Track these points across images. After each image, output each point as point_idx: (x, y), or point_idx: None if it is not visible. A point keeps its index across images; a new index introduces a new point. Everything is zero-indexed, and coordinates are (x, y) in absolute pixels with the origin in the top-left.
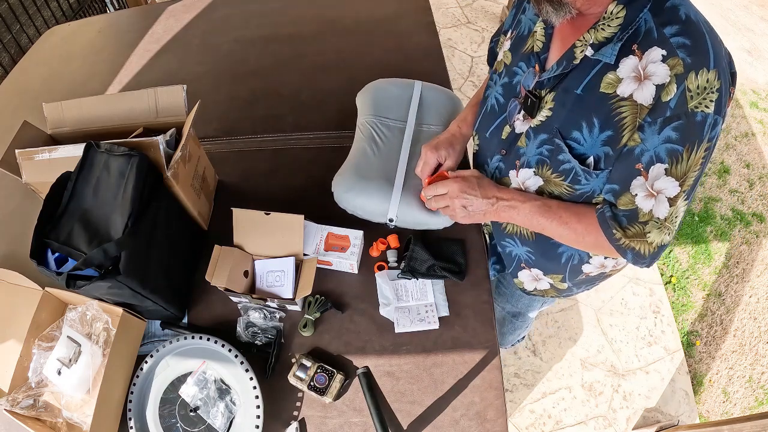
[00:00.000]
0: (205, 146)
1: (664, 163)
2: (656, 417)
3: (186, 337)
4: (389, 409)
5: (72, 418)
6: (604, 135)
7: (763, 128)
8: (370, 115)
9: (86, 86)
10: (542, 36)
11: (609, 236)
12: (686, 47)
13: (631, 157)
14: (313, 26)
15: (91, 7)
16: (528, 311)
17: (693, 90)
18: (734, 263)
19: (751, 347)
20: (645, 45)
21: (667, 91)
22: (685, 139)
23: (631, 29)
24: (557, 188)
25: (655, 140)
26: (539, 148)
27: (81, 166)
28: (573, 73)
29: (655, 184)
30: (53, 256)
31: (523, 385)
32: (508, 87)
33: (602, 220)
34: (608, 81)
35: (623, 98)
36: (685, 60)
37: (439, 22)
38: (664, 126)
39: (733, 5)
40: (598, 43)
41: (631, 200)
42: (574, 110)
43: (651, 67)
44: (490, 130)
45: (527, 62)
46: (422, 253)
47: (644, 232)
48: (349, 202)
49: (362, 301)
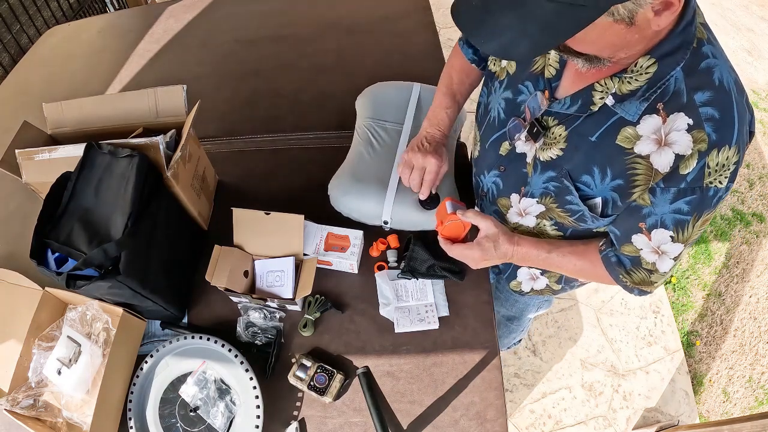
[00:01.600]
0: (205, 146)
1: (669, 230)
2: (656, 417)
3: (186, 337)
4: (389, 409)
5: (72, 418)
6: (614, 183)
7: (763, 128)
8: (367, 118)
9: (86, 86)
10: (556, 62)
11: (616, 278)
12: (714, 121)
13: (638, 215)
14: (313, 26)
15: (91, 7)
16: (522, 315)
17: (712, 167)
18: (734, 263)
19: (751, 347)
20: (671, 107)
21: (686, 164)
22: (694, 210)
23: (660, 88)
24: (560, 219)
25: (665, 208)
26: (545, 183)
27: (81, 166)
28: (590, 117)
29: (661, 246)
30: (53, 256)
31: (523, 385)
32: (511, 104)
33: (608, 263)
34: (626, 135)
35: (640, 156)
36: (711, 136)
37: (439, 22)
38: (678, 198)
39: (733, 5)
40: (621, 95)
41: (635, 250)
42: (587, 156)
43: (674, 135)
44: (490, 142)
45: (535, 83)
46: (422, 253)
47: (650, 281)
48: (345, 206)
49: (362, 301)
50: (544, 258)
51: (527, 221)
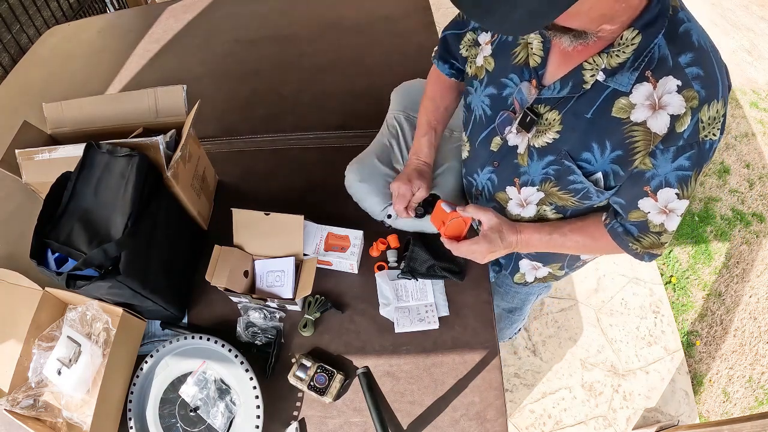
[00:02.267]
0: (205, 146)
1: (674, 188)
2: (656, 417)
3: (186, 337)
4: (389, 409)
5: (72, 418)
6: (614, 155)
7: (763, 128)
8: (398, 111)
9: (86, 86)
10: (540, 50)
11: (626, 248)
12: (700, 79)
13: (641, 180)
14: (314, 26)
15: (91, 7)
16: (524, 305)
17: (705, 121)
18: (734, 263)
19: (751, 347)
20: (659, 72)
21: (681, 122)
22: (694, 164)
23: (647, 56)
24: (561, 201)
25: (667, 167)
26: (545, 169)
27: (81, 166)
28: (583, 96)
29: (668, 205)
30: (53, 256)
31: (523, 385)
32: (497, 99)
33: (615, 234)
34: (620, 106)
35: (636, 123)
36: (700, 93)
37: (439, 22)
38: (678, 155)
39: (733, 5)
40: (611, 69)
41: (642, 215)
42: (585, 133)
43: (666, 97)
44: (479, 141)
45: (520, 75)
46: (422, 253)
47: (660, 242)
48: (357, 191)
49: (362, 301)
50: (547, 240)
51: (528, 211)
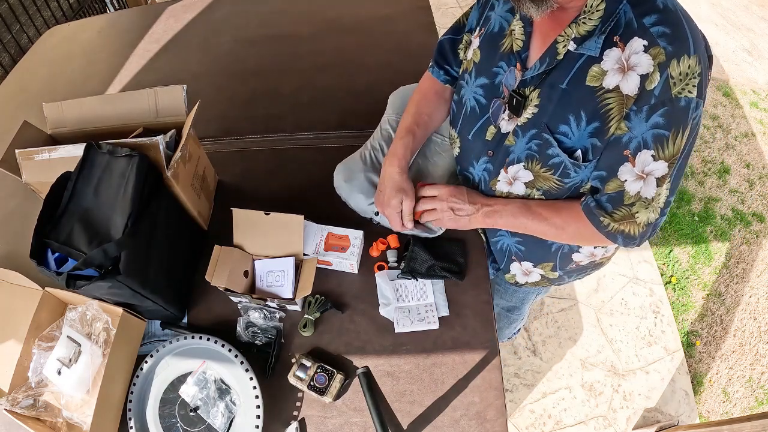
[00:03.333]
0: (205, 146)
1: (650, 149)
2: (656, 417)
3: (186, 337)
4: (389, 409)
5: (72, 418)
6: (591, 127)
7: (763, 128)
8: (394, 115)
9: (86, 86)
10: (521, 35)
11: (597, 225)
12: (666, 36)
13: (619, 145)
14: (313, 26)
15: (91, 7)
16: (523, 304)
17: (676, 77)
18: (734, 263)
19: (751, 347)
20: (626, 36)
21: (651, 80)
22: (670, 124)
23: (612, 21)
24: (546, 182)
25: (642, 127)
26: (528, 143)
27: (81, 166)
28: (557, 68)
29: (645, 168)
30: (53, 256)
31: (523, 385)
32: (489, 87)
33: (588, 211)
34: (593, 74)
35: (609, 90)
36: (666, 48)
37: (439, 22)
38: (651, 113)
39: (733, 5)
40: (581, 37)
41: (619, 184)
42: (561, 105)
43: (634, 57)
44: (473, 132)
45: (507, 61)
46: (422, 253)
47: (632, 213)
48: (344, 191)
49: (362, 301)
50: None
51: (517, 188)
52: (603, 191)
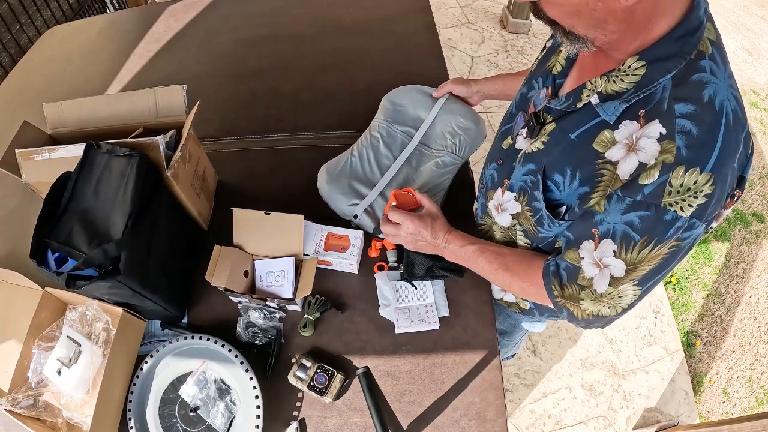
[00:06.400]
0: (205, 146)
1: (615, 243)
2: (656, 417)
3: (186, 337)
4: (389, 409)
5: (72, 418)
6: (582, 189)
7: (763, 128)
8: (382, 119)
9: (86, 86)
10: (564, 59)
11: (548, 290)
12: (689, 135)
13: (591, 220)
14: (313, 26)
15: (91, 7)
16: (514, 331)
17: (675, 186)
18: (734, 263)
19: (751, 347)
20: (651, 115)
21: (647, 174)
22: (645, 231)
23: (645, 93)
24: (526, 222)
25: (617, 217)
26: (524, 176)
27: (81, 166)
28: (574, 114)
29: (603, 259)
30: (53, 256)
31: (523, 385)
32: (523, 98)
33: (546, 272)
34: (603, 138)
35: (610, 162)
36: (680, 150)
37: (439, 22)
38: (631, 210)
39: (733, 5)
40: (606, 95)
41: (577, 258)
42: (564, 153)
43: (644, 141)
44: (499, 134)
45: (544, 80)
46: (419, 256)
47: (578, 297)
48: (325, 192)
49: (362, 301)
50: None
51: (503, 219)
52: (563, 256)
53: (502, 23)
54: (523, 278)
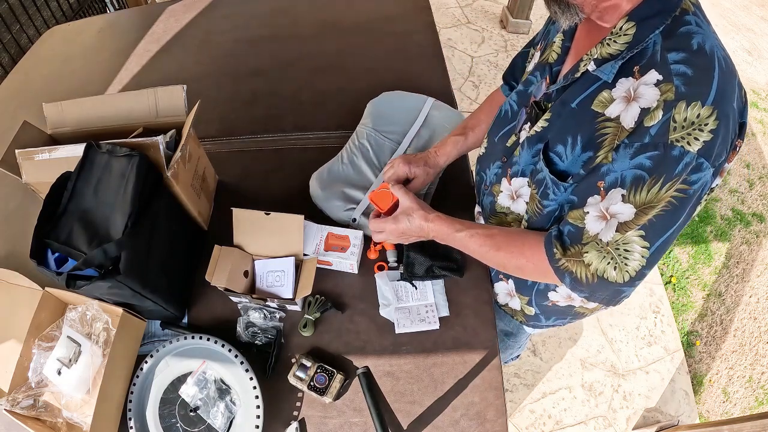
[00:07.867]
0: (205, 146)
1: (624, 188)
2: (656, 417)
3: (186, 337)
4: (389, 409)
5: (72, 418)
6: (585, 156)
7: (763, 128)
8: (369, 126)
9: (86, 86)
10: (558, 48)
11: (549, 255)
12: (685, 76)
13: (597, 174)
14: (314, 26)
15: (91, 7)
16: (519, 332)
17: (678, 121)
18: (734, 263)
19: (751, 347)
20: (646, 67)
21: (651, 116)
22: (654, 170)
23: (638, 49)
24: (532, 203)
25: (625, 163)
26: (534, 158)
27: (81, 166)
28: (573, 86)
29: (611, 207)
30: (53, 256)
31: (523, 385)
32: (522, 95)
33: (548, 239)
34: (601, 99)
35: (609, 119)
36: (679, 88)
37: (439, 22)
38: (639, 153)
39: (733, 5)
40: (602, 59)
41: (581, 216)
42: (565, 123)
43: (642, 89)
44: (499, 136)
45: (541, 72)
46: (418, 256)
47: (581, 251)
48: (318, 200)
49: (362, 301)
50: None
51: (518, 206)
52: (566, 218)
53: (502, 23)
54: (518, 256)
